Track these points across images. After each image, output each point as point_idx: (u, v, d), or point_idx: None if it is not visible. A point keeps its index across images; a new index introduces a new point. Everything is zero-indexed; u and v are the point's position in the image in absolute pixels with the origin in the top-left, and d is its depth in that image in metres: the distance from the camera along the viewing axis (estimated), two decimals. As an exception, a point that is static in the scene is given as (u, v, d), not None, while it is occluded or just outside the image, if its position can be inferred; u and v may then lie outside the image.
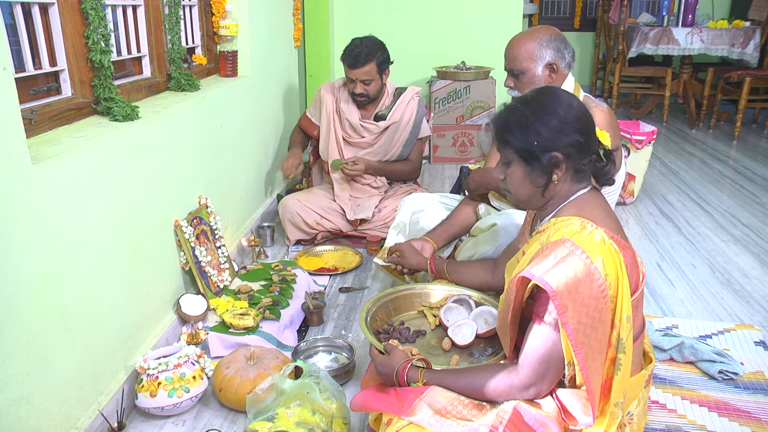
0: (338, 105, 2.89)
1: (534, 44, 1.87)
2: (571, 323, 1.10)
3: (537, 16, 6.80)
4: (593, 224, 1.17)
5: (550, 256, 1.14)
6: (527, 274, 1.14)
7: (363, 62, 2.68)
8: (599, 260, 1.12)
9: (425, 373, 1.28)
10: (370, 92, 2.78)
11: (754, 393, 1.78)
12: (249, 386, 1.64)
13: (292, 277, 2.30)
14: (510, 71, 1.93)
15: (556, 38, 1.89)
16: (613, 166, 1.28)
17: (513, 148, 1.26)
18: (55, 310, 1.38)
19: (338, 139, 2.91)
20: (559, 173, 1.23)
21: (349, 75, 2.75)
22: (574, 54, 1.93)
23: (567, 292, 1.10)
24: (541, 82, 1.89)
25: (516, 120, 1.25)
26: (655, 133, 3.42)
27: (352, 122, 2.86)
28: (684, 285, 2.48)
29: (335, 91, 2.91)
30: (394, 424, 1.19)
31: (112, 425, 1.55)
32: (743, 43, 4.84)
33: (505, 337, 1.31)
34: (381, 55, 2.73)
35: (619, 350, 1.18)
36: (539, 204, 1.30)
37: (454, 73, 4.02)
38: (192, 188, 2.15)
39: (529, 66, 1.88)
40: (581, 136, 1.22)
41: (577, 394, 1.18)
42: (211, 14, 2.63)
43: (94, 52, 1.67)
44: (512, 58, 1.90)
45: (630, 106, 6.07)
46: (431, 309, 1.66)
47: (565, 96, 1.26)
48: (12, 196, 1.22)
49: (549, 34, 1.89)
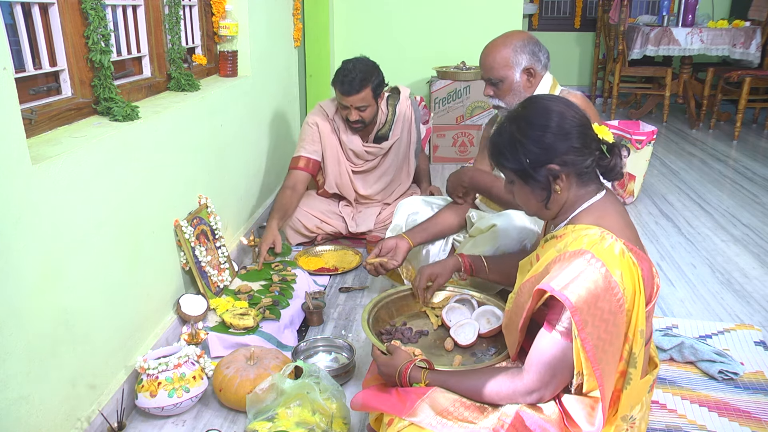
0: (339, 136, 2.75)
1: (509, 51, 1.85)
2: (591, 339, 1.08)
3: (537, 16, 6.80)
4: (613, 235, 1.15)
5: (569, 268, 1.12)
6: (546, 288, 1.12)
7: (358, 89, 2.53)
8: (618, 273, 1.10)
9: (428, 373, 1.28)
10: (366, 118, 2.64)
11: (754, 393, 1.78)
12: (249, 386, 1.64)
13: (292, 277, 2.30)
14: (488, 80, 1.90)
15: (529, 42, 1.87)
16: (620, 159, 1.24)
17: (508, 168, 1.25)
18: (55, 310, 1.38)
19: (348, 173, 2.81)
20: (560, 183, 1.21)
21: (342, 102, 2.59)
22: (548, 54, 1.91)
23: (587, 307, 1.08)
24: (521, 88, 1.87)
25: (505, 141, 1.24)
26: (655, 133, 3.42)
27: (356, 151, 2.76)
28: (684, 285, 2.47)
29: (331, 121, 2.74)
30: (395, 425, 1.19)
31: (112, 425, 1.55)
32: (745, 43, 4.84)
33: (511, 338, 1.31)
34: (376, 79, 2.57)
35: (630, 364, 1.17)
36: (550, 215, 1.28)
37: (454, 73, 4.02)
38: (192, 188, 2.15)
39: (506, 74, 1.86)
40: (577, 141, 1.19)
41: (581, 402, 1.17)
42: (211, 14, 2.62)
43: (94, 52, 1.67)
44: (489, 67, 1.88)
45: (630, 106, 6.07)
46: (433, 309, 1.66)
47: (552, 104, 1.23)
48: (12, 196, 1.22)
49: (522, 38, 1.87)
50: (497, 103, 1.93)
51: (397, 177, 2.92)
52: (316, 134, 2.74)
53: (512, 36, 1.88)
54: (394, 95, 2.87)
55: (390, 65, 3.14)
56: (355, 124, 2.67)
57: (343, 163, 2.80)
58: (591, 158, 1.21)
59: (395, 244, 1.93)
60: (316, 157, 2.73)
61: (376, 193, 2.90)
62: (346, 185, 2.83)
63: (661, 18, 5.17)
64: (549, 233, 1.31)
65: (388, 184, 2.91)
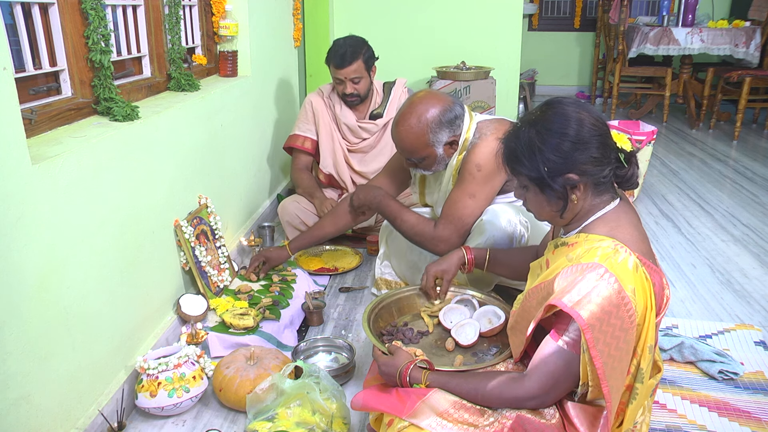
0: (334, 112, 2.83)
1: (425, 131, 1.80)
2: (602, 357, 1.07)
3: (537, 16, 6.80)
4: (627, 248, 1.13)
5: (582, 282, 1.10)
6: (558, 303, 1.10)
7: (350, 60, 2.63)
8: (631, 289, 1.09)
9: (428, 374, 1.27)
10: (361, 91, 2.73)
11: (754, 393, 1.78)
12: (249, 386, 1.64)
13: (292, 277, 2.30)
14: (408, 161, 1.90)
15: (441, 112, 1.79)
16: (636, 169, 1.22)
17: (524, 175, 1.20)
18: (55, 310, 1.38)
19: (343, 150, 2.84)
20: (577, 193, 1.18)
21: (337, 76, 2.69)
22: (461, 102, 1.89)
23: (599, 324, 1.07)
24: (444, 158, 1.88)
25: (522, 146, 1.18)
26: (655, 133, 3.42)
27: (350, 126, 2.81)
28: (684, 285, 2.47)
29: (326, 99, 2.84)
30: (395, 425, 1.19)
31: (112, 425, 1.55)
32: (746, 42, 4.84)
33: (516, 340, 1.30)
34: (366, 51, 2.68)
35: (637, 379, 1.16)
36: (563, 223, 1.26)
37: (454, 73, 4.02)
38: (192, 188, 2.15)
39: (429, 152, 1.85)
40: (596, 150, 1.15)
41: (585, 410, 1.16)
42: (211, 14, 2.62)
43: (94, 52, 1.67)
44: (409, 151, 1.85)
45: (630, 106, 6.07)
46: (431, 317, 1.65)
47: (572, 109, 1.18)
48: (12, 196, 1.22)
49: (435, 112, 1.79)
50: (422, 172, 1.97)
51: None
52: (309, 112, 2.84)
53: (422, 111, 1.79)
54: (391, 83, 2.94)
55: (390, 65, 3.15)
56: (350, 98, 2.74)
57: (338, 140, 2.84)
58: (609, 168, 1.18)
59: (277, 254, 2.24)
60: (310, 135, 2.84)
61: (373, 172, 2.90)
62: (341, 163, 2.86)
63: (661, 18, 5.17)
64: (558, 237, 1.29)
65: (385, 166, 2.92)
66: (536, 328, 1.23)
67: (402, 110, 1.84)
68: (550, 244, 1.33)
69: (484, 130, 1.88)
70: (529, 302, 1.24)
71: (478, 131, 1.89)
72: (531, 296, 1.24)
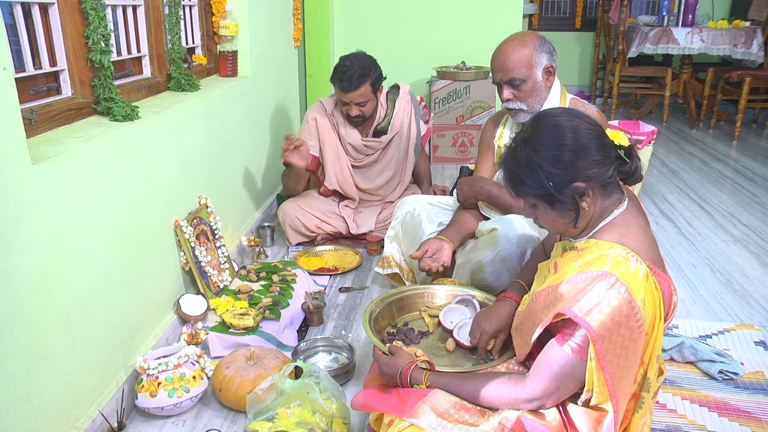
0: (338, 131, 2.76)
1: (529, 50, 1.82)
2: (611, 367, 1.07)
3: (537, 16, 6.79)
4: (637, 257, 1.12)
5: (591, 291, 1.09)
6: (568, 312, 1.10)
7: (357, 85, 2.54)
8: (641, 298, 1.08)
9: (429, 375, 1.27)
10: (366, 113, 2.66)
11: (754, 393, 1.78)
12: (249, 386, 1.64)
13: (292, 277, 2.30)
14: (509, 82, 1.84)
15: (545, 41, 1.86)
16: (638, 162, 1.21)
17: (530, 194, 1.19)
18: (55, 310, 1.38)
19: (348, 167, 2.81)
20: (587, 200, 1.17)
21: (342, 98, 2.61)
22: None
23: (608, 334, 1.07)
24: (543, 88, 1.86)
25: (522, 166, 1.17)
26: (655, 133, 3.41)
27: (355, 145, 2.76)
28: (684, 285, 2.47)
29: (329, 116, 2.75)
30: (396, 425, 1.19)
31: (112, 425, 1.55)
32: (746, 42, 4.83)
33: (521, 341, 1.30)
34: (374, 74, 2.59)
35: (643, 388, 1.16)
36: (577, 233, 1.24)
37: (454, 73, 4.02)
38: (192, 188, 2.15)
39: (530, 73, 1.83)
40: (597, 152, 1.15)
41: (588, 414, 1.16)
42: (211, 14, 2.62)
43: (94, 52, 1.67)
44: (510, 67, 1.82)
45: (630, 106, 6.07)
46: (432, 317, 1.64)
47: (564, 119, 1.18)
48: (12, 196, 1.22)
49: (538, 38, 1.85)
50: (518, 106, 1.87)
51: (398, 172, 2.93)
52: (314, 129, 2.75)
53: (528, 35, 1.85)
54: (394, 91, 2.89)
55: (390, 65, 3.14)
56: (355, 119, 2.68)
57: (343, 158, 2.79)
58: (612, 166, 1.17)
59: (441, 246, 1.91)
60: (313, 152, 2.73)
61: (378, 188, 2.90)
62: (347, 180, 2.83)
63: (661, 18, 5.17)
64: (566, 239, 1.28)
65: (390, 179, 2.92)
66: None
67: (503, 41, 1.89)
68: (557, 245, 1.32)
69: (579, 105, 1.91)
70: (536, 305, 1.23)
71: (573, 102, 1.95)
72: (538, 299, 1.23)
